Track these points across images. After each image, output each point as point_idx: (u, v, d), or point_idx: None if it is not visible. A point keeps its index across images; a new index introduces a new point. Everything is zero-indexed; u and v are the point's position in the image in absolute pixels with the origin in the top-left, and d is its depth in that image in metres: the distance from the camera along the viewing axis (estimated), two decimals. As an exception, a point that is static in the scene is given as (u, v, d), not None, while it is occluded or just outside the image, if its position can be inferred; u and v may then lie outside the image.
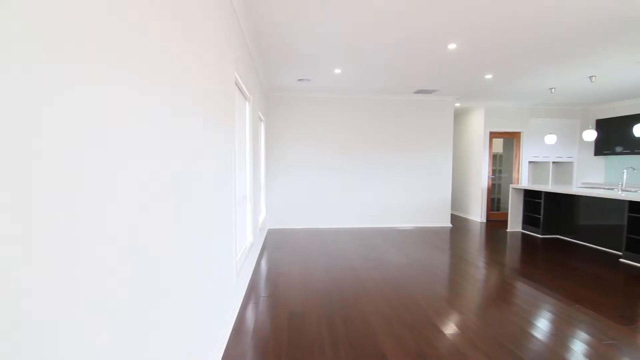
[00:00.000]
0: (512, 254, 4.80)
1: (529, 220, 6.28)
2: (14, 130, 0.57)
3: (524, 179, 7.60)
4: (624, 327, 2.59)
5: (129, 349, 0.97)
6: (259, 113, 4.87)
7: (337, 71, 4.89)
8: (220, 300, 2.20)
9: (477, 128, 7.58)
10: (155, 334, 1.15)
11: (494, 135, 7.51)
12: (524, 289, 3.40)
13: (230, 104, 2.55)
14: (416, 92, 6.37)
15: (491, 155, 7.52)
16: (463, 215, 8.14)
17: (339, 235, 5.97)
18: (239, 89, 3.17)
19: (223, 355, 2.19)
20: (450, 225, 7.01)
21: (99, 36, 0.81)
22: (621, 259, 4.46)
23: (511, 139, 7.68)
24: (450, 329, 2.56)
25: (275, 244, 5.29)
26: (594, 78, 5.13)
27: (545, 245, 5.31)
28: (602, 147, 7.33)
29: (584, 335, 2.47)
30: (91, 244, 0.79)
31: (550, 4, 2.80)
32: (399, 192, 6.87)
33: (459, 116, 8.31)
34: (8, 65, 0.56)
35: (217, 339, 2.10)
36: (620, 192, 4.70)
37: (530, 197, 6.23)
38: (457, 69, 4.73)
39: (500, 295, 3.25)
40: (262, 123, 5.61)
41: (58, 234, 0.68)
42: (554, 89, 5.91)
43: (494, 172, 7.87)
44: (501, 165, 8.07)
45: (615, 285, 3.51)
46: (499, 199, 7.97)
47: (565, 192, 5.39)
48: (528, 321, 2.70)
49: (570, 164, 7.77)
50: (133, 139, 0.99)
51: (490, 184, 7.58)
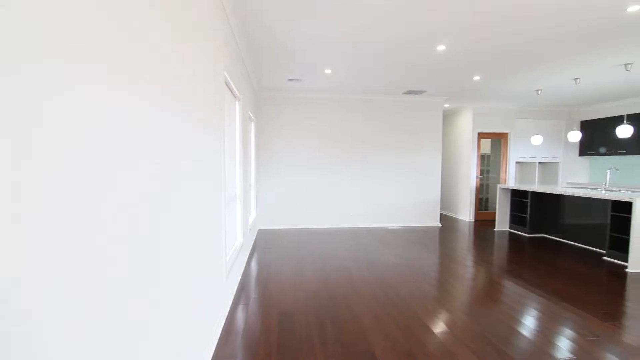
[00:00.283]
0: (500, 253, 4.88)
1: (516, 219, 6.39)
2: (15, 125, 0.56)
3: (511, 179, 7.73)
4: (607, 324, 2.66)
5: (119, 349, 0.96)
6: (249, 112, 4.85)
7: (328, 71, 4.89)
8: (210, 301, 2.18)
9: (466, 129, 7.67)
10: (145, 335, 1.14)
11: (482, 135, 7.62)
12: (511, 288, 3.46)
13: (220, 103, 2.53)
14: (406, 93, 6.42)
15: (479, 156, 7.62)
16: (452, 214, 8.23)
17: (329, 235, 5.98)
18: (229, 88, 3.15)
19: (213, 356, 2.18)
20: (439, 224, 7.08)
21: (84, 36, 0.80)
22: (605, 257, 4.57)
23: (499, 139, 7.80)
24: (439, 328, 2.59)
25: (265, 244, 5.27)
26: (578, 80, 5.25)
27: (532, 244, 5.41)
28: (587, 148, 7.51)
29: (568, 332, 2.52)
30: (83, 248, 0.78)
31: (538, 8, 2.85)
32: (389, 192, 6.91)
33: (448, 117, 8.40)
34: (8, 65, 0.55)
35: (207, 339, 2.09)
36: (603, 192, 4.81)
37: (517, 197, 6.34)
38: (446, 70, 4.78)
39: (488, 294, 3.29)
40: (253, 123, 5.59)
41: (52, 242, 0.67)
42: (540, 91, 6.03)
43: (482, 172, 7.98)
44: (489, 165, 8.19)
45: (599, 283, 3.59)
46: (487, 199, 8.09)
47: (551, 192, 5.50)
48: (515, 319, 2.74)
49: (555, 164, 7.93)
50: (119, 139, 0.98)
51: (478, 184, 7.69)
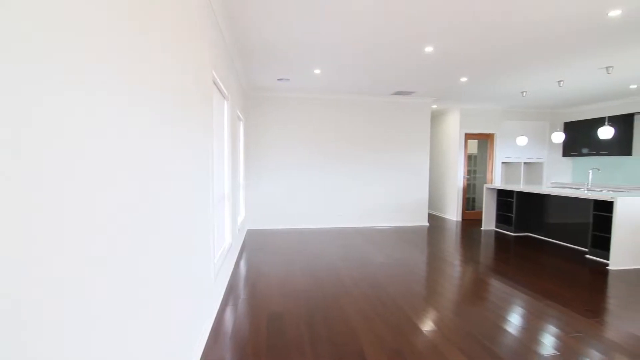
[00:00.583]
0: (486, 251, 4.96)
1: (502, 219, 6.50)
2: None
3: (497, 179, 7.86)
4: (590, 320, 2.73)
5: (106, 351, 0.94)
6: (238, 112, 4.82)
7: (317, 71, 4.90)
8: (198, 303, 2.16)
9: (453, 129, 7.77)
10: (133, 337, 1.12)
11: (469, 136, 7.73)
12: (497, 286, 3.52)
13: (208, 102, 2.51)
14: (394, 94, 6.47)
15: (466, 156, 7.73)
16: (440, 214, 8.33)
17: (319, 235, 5.99)
18: (217, 88, 3.13)
19: (201, 357, 2.15)
20: (427, 224, 7.16)
21: (66, 34, 0.78)
22: (587, 255, 4.69)
23: (485, 140, 7.93)
24: (427, 326, 2.62)
25: (255, 244, 5.25)
26: (562, 82, 5.37)
27: (517, 242, 5.51)
28: (570, 149, 7.69)
29: (552, 329, 2.58)
30: (71, 249, 0.76)
31: (521, 12, 2.91)
32: (378, 192, 6.95)
33: (436, 118, 8.50)
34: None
35: (195, 341, 2.07)
36: (586, 192, 4.94)
37: (503, 197, 6.46)
38: (434, 71, 4.83)
39: (475, 292, 3.34)
40: (242, 122, 5.55)
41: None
42: (525, 92, 6.15)
43: (469, 173, 8.10)
44: (476, 165, 8.31)
45: (582, 281, 3.69)
46: (473, 199, 8.21)
47: (535, 192, 5.62)
48: (501, 317, 2.79)
49: (540, 164, 8.10)
50: (104, 139, 0.96)
51: (465, 184, 7.79)
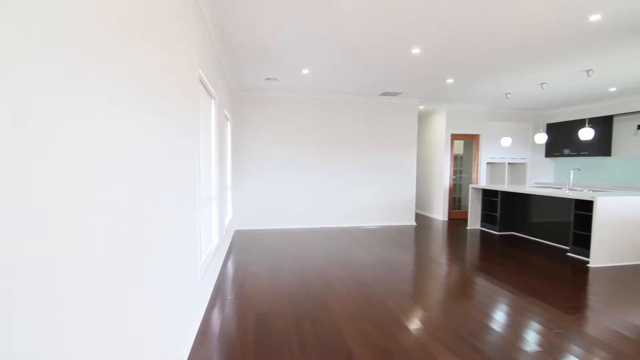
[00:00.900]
0: (472, 250, 5.03)
1: (487, 218, 6.61)
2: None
3: (483, 179, 8.00)
4: (571, 317, 2.80)
5: (94, 351, 0.92)
6: (225, 112, 4.77)
7: (305, 71, 4.89)
8: (184, 305, 2.13)
9: (440, 130, 7.87)
10: (116, 341, 1.10)
11: (455, 137, 7.84)
12: (482, 284, 3.58)
13: (194, 101, 2.48)
14: (382, 94, 6.51)
15: (452, 157, 7.84)
16: (427, 214, 8.42)
17: (307, 235, 5.98)
18: (204, 86, 3.09)
19: (188, 359, 2.13)
20: (414, 223, 7.23)
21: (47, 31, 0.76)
22: (568, 253, 4.81)
23: (471, 141, 8.06)
24: (414, 324, 2.64)
25: (242, 245, 5.21)
26: (544, 85, 5.50)
27: (502, 241, 5.62)
28: (552, 149, 7.88)
29: (536, 326, 2.64)
30: (59, 251, 0.74)
31: (505, 16, 2.96)
32: (366, 192, 6.99)
33: (423, 118, 8.59)
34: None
35: (181, 343, 2.04)
36: (567, 191, 5.06)
37: (488, 197, 6.57)
38: (421, 72, 4.89)
39: (461, 291, 3.39)
40: (229, 122, 5.51)
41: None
42: (509, 94, 6.27)
43: (455, 173, 8.21)
44: (462, 166, 8.44)
45: (564, 278, 3.78)
46: (459, 198, 8.33)
47: (519, 192, 5.73)
48: (486, 314, 2.84)
49: (524, 164, 8.27)
50: (86, 139, 0.94)
51: (451, 184, 7.90)
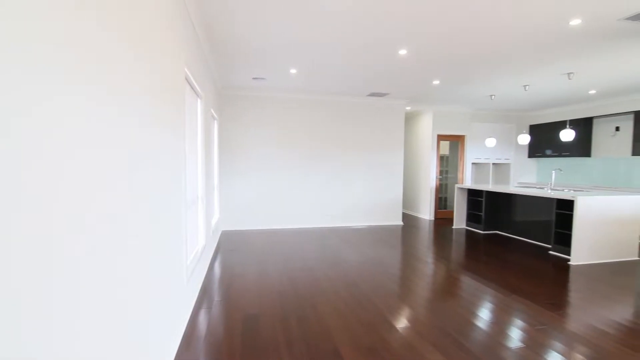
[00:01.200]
0: (457, 249, 5.11)
1: (472, 217, 6.72)
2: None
3: (468, 179, 8.13)
4: (553, 313, 2.87)
5: (79, 354, 0.90)
6: (212, 111, 4.72)
7: (293, 71, 4.88)
8: (169, 307, 2.10)
9: (426, 131, 7.96)
10: (99, 346, 1.07)
11: (441, 137, 7.94)
12: (467, 282, 3.63)
13: (180, 100, 2.44)
14: (370, 95, 6.55)
15: (439, 157, 7.95)
16: (413, 213, 8.50)
17: (295, 235, 5.97)
18: (190, 85, 3.05)
19: (173, 363, 2.10)
20: (401, 223, 7.29)
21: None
22: (550, 251, 4.93)
23: (456, 141, 8.18)
24: (401, 323, 2.67)
25: (229, 246, 5.16)
26: (527, 87, 5.63)
27: (487, 240, 5.72)
28: (535, 150, 8.07)
29: (519, 322, 2.69)
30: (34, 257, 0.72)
31: (488, 18, 3.02)
32: (354, 192, 7.01)
33: (410, 119, 8.68)
34: None
35: (166, 346, 2.01)
36: (549, 191, 5.19)
37: (473, 196, 6.68)
38: (408, 74, 4.93)
39: (447, 289, 3.44)
40: (216, 121, 5.45)
41: None
42: (493, 96, 6.39)
43: (441, 173, 8.32)
44: (447, 166, 8.55)
45: (546, 275, 3.87)
46: (445, 198, 8.44)
47: (503, 191, 5.85)
48: (471, 312, 2.88)
49: (507, 165, 8.44)
50: (66, 139, 0.92)
51: (437, 183, 8.01)
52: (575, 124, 7.03)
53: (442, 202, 8.36)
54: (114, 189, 1.22)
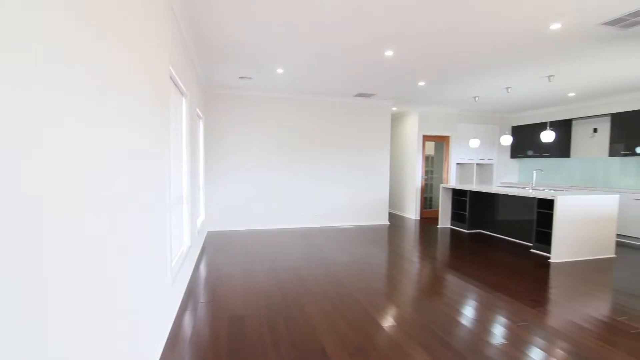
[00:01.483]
0: (442, 248, 5.18)
1: (456, 216, 6.83)
2: None
3: (453, 179, 8.25)
4: (534, 310, 2.94)
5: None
6: (198, 110, 4.66)
7: (280, 70, 4.86)
8: (153, 310, 2.06)
9: (412, 131, 8.05)
10: (80, 351, 1.05)
11: (426, 138, 8.04)
12: (452, 280, 3.69)
13: (164, 99, 2.40)
14: (356, 96, 6.58)
15: (424, 157, 8.04)
16: (399, 213, 8.59)
17: (282, 235, 5.95)
18: (175, 84, 3.01)
19: (157, 367, 2.06)
20: (388, 223, 7.35)
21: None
22: (532, 249, 5.06)
23: (441, 142, 8.29)
24: (387, 322, 2.69)
25: (215, 246, 5.10)
26: (509, 89, 5.76)
27: (471, 239, 5.82)
28: (517, 151, 8.26)
29: (502, 319, 2.75)
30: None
31: (471, 23, 3.07)
32: (340, 192, 7.03)
33: (396, 120, 8.76)
34: None
35: (150, 351, 1.97)
36: (530, 191, 5.31)
37: (458, 196, 6.79)
38: (394, 75, 4.98)
39: (432, 288, 3.48)
40: (201, 121, 5.38)
41: None
42: (477, 97, 6.51)
43: (426, 173, 8.42)
44: (433, 166, 8.67)
45: (527, 273, 3.96)
46: (431, 198, 8.55)
47: (486, 191, 5.96)
48: (456, 310, 2.93)
49: (491, 165, 8.61)
50: (43, 139, 0.89)
51: (423, 183, 8.11)
52: (555, 125, 7.23)
53: (428, 202, 8.47)
54: (96, 189, 1.19)
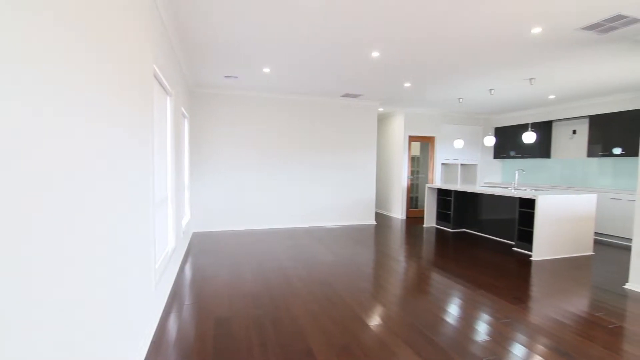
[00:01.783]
0: (428, 247, 5.25)
1: (441, 216, 6.93)
2: None
3: (438, 179, 8.37)
4: (516, 307, 3.01)
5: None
6: (183, 109, 4.60)
7: (266, 70, 4.84)
8: (136, 313, 2.02)
9: (398, 132, 8.13)
10: (60, 356, 1.02)
11: (412, 139, 8.13)
12: (437, 279, 3.74)
13: (148, 98, 2.36)
14: (343, 96, 6.61)
15: (410, 157, 8.13)
16: (386, 213, 8.66)
17: (268, 235, 5.91)
18: (159, 82, 2.96)
19: (140, 370, 2.02)
20: (374, 222, 7.40)
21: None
22: (514, 248, 5.17)
23: (427, 142, 8.40)
24: (374, 321, 2.70)
25: (201, 247, 5.04)
26: (493, 91, 5.87)
27: (455, 238, 5.91)
28: (500, 151, 8.44)
29: (485, 317, 2.80)
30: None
31: (456, 26, 3.12)
32: (327, 192, 7.04)
33: (382, 120, 8.83)
34: None
35: (132, 354, 1.93)
36: (513, 191, 5.43)
37: (443, 196, 6.89)
38: (380, 76, 5.02)
39: (417, 286, 3.52)
40: (186, 120, 5.31)
41: None
42: (461, 99, 6.62)
43: (412, 173, 8.52)
44: (418, 166, 8.78)
45: (510, 271, 4.05)
46: (417, 198, 8.66)
47: (470, 191, 6.07)
48: (441, 308, 2.97)
49: (474, 165, 8.77)
50: (19, 140, 0.86)
51: (409, 183, 8.19)
52: (536, 126, 7.41)
53: (414, 202, 8.57)
54: (78, 190, 1.16)
